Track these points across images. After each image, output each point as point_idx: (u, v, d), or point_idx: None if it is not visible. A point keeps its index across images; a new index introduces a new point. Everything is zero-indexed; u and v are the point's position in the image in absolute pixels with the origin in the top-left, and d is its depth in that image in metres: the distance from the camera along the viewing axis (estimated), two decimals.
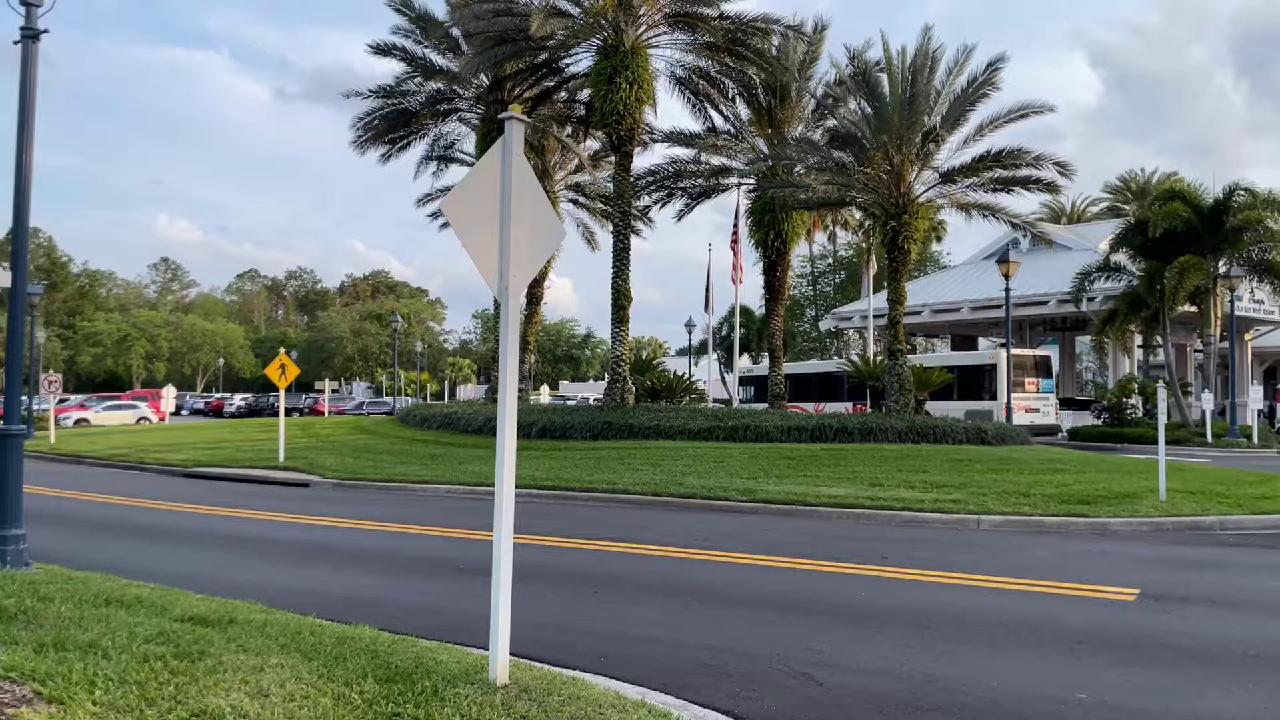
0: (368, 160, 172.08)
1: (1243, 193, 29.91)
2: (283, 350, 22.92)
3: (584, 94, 28.60)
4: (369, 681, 4.59)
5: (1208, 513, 12.14)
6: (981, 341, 45.39)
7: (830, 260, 66.94)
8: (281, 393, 21.82)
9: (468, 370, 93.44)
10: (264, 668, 4.66)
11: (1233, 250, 30.14)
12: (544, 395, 56.35)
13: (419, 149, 32.35)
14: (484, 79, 28.93)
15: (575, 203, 34.87)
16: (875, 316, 37.37)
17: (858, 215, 34.87)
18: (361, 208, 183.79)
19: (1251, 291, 34.37)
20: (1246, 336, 39.37)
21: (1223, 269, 30.26)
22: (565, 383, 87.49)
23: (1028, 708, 5.06)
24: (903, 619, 7.08)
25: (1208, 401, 28.88)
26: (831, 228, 55.33)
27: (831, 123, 27.29)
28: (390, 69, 76.44)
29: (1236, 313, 31.31)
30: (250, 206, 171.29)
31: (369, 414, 49.00)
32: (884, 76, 23.47)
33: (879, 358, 30.02)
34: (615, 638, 6.61)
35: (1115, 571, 8.87)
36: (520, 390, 20.86)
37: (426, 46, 30.00)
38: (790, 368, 39.21)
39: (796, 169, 27.04)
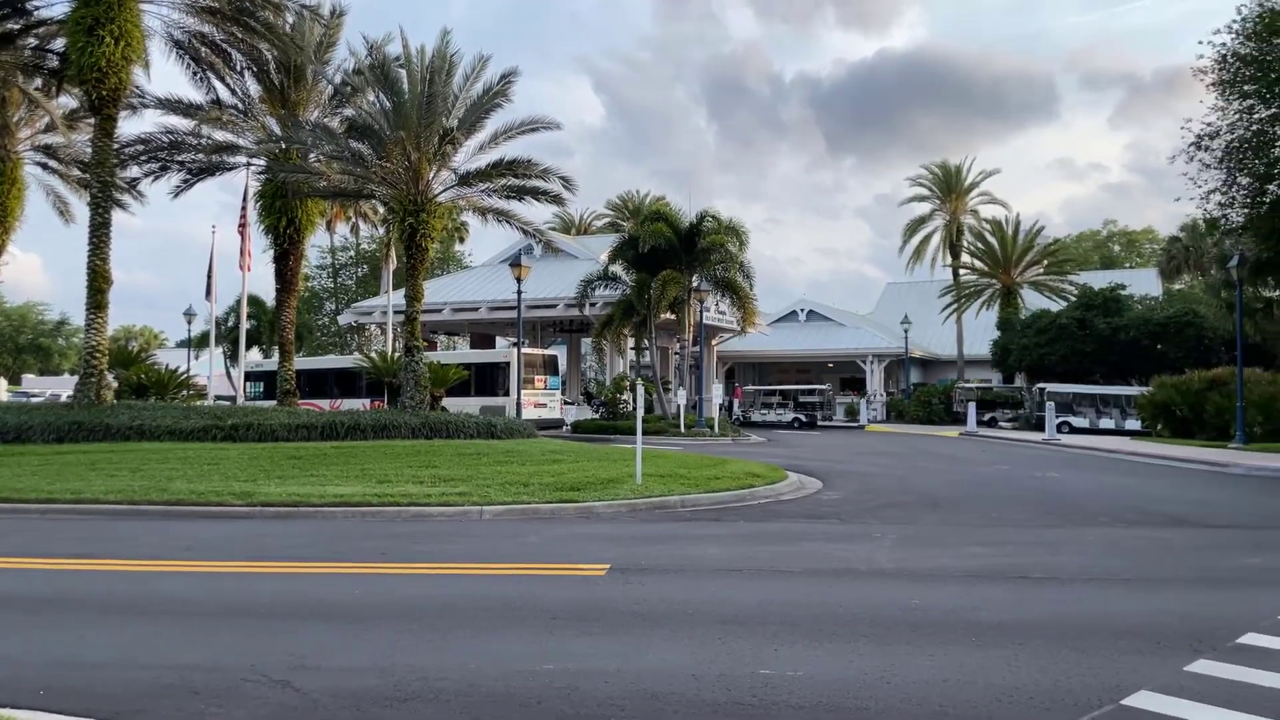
0: None
1: (710, 219, 34.97)
2: None
3: (59, 43, 24.63)
4: None
5: (673, 493, 13.93)
6: (500, 340, 47.50)
7: (353, 253, 65.38)
8: None
9: None
10: None
11: (703, 268, 35.11)
12: (1, 391, 47.47)
13: None
14: None
15: (45, 167, 29.91)
16: (396, 312, 37.22)
17: (381, 209, 34.46)
18: None
19: (717, 303, 40.30)
20: (714, 342, 46.16)
21: (695, 283, 35.10)
22: (31, 376, 74.48)
23: (500, 683, 5.34)
24: (395, 614, 7.09)
25: (682, 397, 33.24)
26: (355, 219, 54.15)
27: (350, 112, 26.61)
28: None
29: (705, 321, 36.55)
30: None
31: None
32: (404, 73, 23.47)
33: (397, 354, 29.93)
34: (64, 666, 5.74)
35: (594, 550, 9.78)
36: None
37: None
38: (304, 363, 37.57)
39: (311, 155, 25.95)
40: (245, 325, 31.79)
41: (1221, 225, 27.90)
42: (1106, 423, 37.40)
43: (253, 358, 47.18)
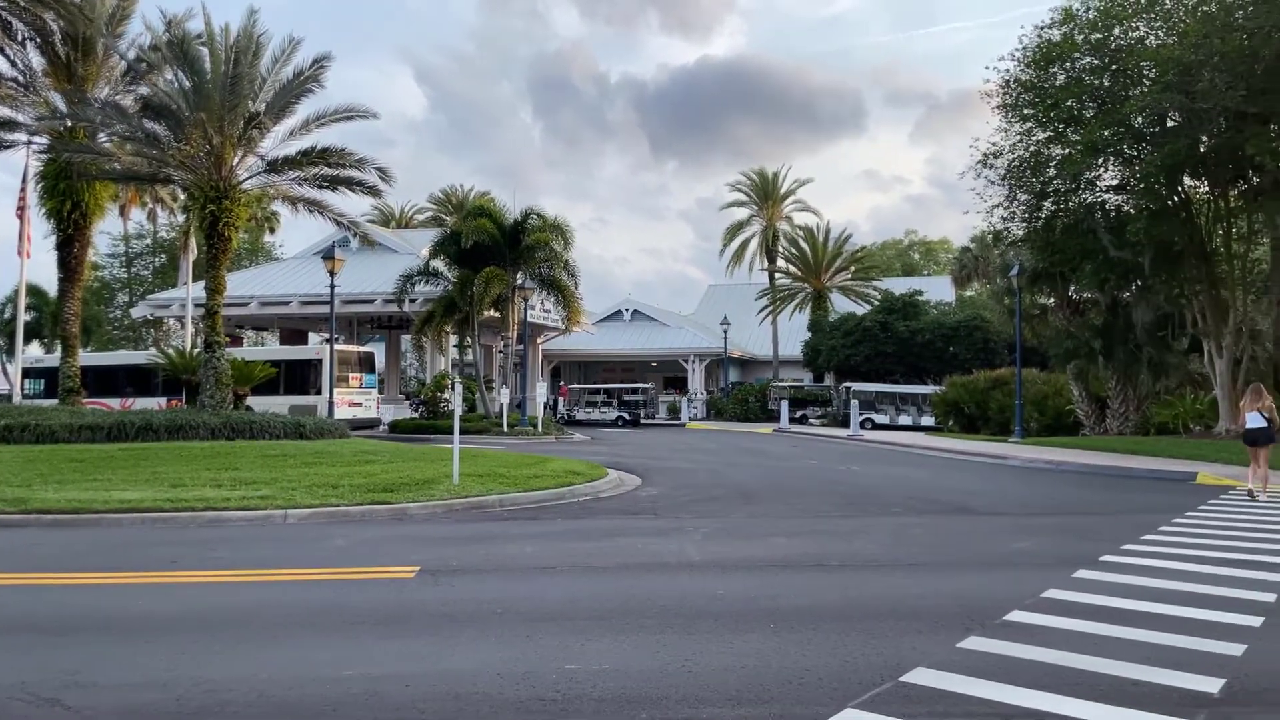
0: None
1: (535, 217, 34.87)
2: None
3: None
4: None
5: (491, 493, 13.80)
6: (312, 337, 45.56)
7: (149, 241, 61.00)
8: None
9: None
10: None
11: (527, 265, 34.95)
12: None
13: None
14: None
15: None
16: (196, 305, 34.99)
17: (181, 195, 32.32)
18: None
19: (542, 301, 40.23)
20: (538, 340, 46.05)
21: (520, 281, 34.90)
22: None
23: (295, 692, 5.13)
24: (183, 624, 6.67)
25: (505, 396, 32.98)
26: (151, 205, 50.55)
27: (146, 90, 24.82)
28: None
29: (530, 319, 36.39)
30: None
31: None
32: (206, 51, 22.15)
33: (197, 350, 28.18)
34: None
35: (405, 552, 9.54)
36: None
37: None
38: (92, 359, 34.86)
39: (101, 135, 24.05)
40: (24, 317, 29.07)
41: (1004, 237, 30.38)
42: (905, 419, 39.98)
43: (33, 352, 43.27)
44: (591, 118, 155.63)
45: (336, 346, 31.47)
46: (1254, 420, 14.85)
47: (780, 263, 54.48)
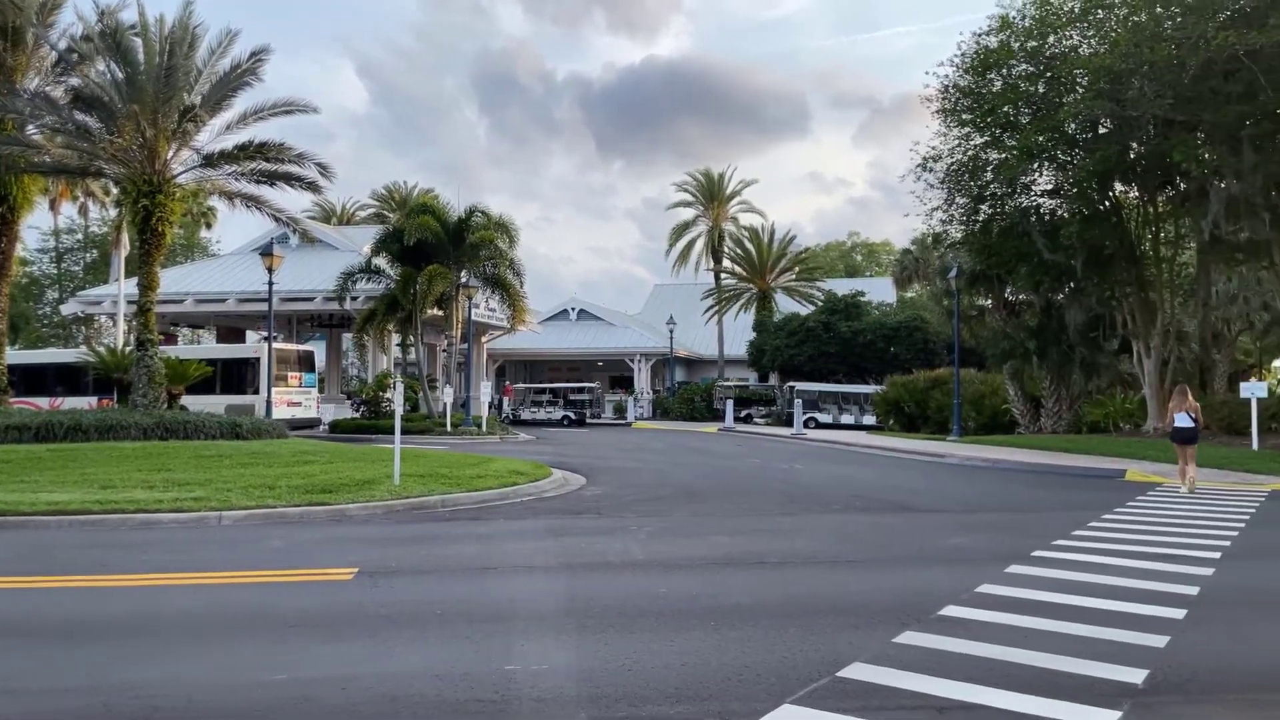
0: None
1: (480, 214, 34.59)
2: None
3: None
4: None
5: (433, 493, 13.66)
6: (250, 335, 44.64)
7: (80, 236, 59.26)
8: None
9: None
10: None
11: (472, 264, 34.66)
12: None
13: None
14: None
15: None
16: (130, 302, 34.07)
17: (114, 189, 31.45)
18: None
19: (486, 300, 39.91)
20: (483, 339, 45.70)
21: (464, 279, 34.60)
22: None
23: (226, 697, 5.02)
24: (113, 629, 6.51)
25: (449, 395, 32.66)
26: (83, 199, 49.09)
27: (78, 81, 24.08)
28: None
29: (474, 318, 36.12)
30: None
31: None
32: (140, 42, 21.56)
33: (129, 348, 27.45)
34: None
35: (343, 554, 9.40)
36: None
37: None
38: (19, 357, 33.81)
39: (30, 127, 23.28)
40: None
41: (943, 240, 30.96)
42: (847, 418, 40.51)
43: None
44: (538, 116, 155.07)
45: (275, 345, 30.88)
46: (1183, 420, 15.54)
47: (726, 263, 54.83)
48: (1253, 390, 22.55)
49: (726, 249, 54.90)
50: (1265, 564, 9.17)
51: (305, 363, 34.02)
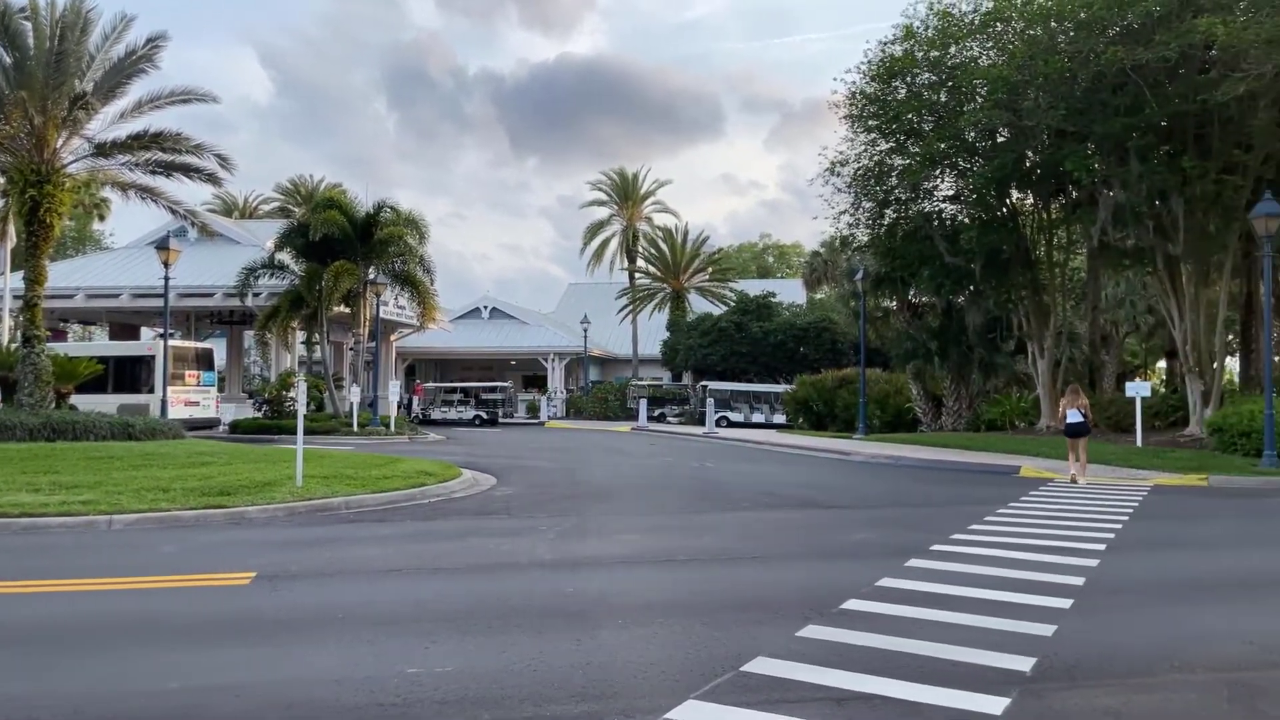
0: None
1: (389, 210, 33.96)
2: None
3: None
4: None
5: (337, 494, 13.34)
6: (145, 332, 42.91)
7: None
8: None
9: None
10: None
11: (380, 260, 33.97)
12: None
13: None
14: None
15: None
16: (15, 297, 32.40)
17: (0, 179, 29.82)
18: None
19: (396, 297, 39.18)
20: (392, 337, 44.86)
21: (372, 276, 33.90)
22: None
23: (113, 708, 4.82)
24: None
25: (355, 394, 31.97)
26: None
27: None
28: None
29: (383, 316, 35.41)
30: None
31: None
32: (29, 25, 20.52)
33: (15, 345, 26.09)
34: None
35: (242, 558, 9.11)
36: None
37: None
38: None
39: None
40: None
41: (850, 243, 31.67)
42: (758, 417, 41.13)
43: None
44: (449, 111, 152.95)
45: (172, 342, 29.75)
46: (1074, 416, 16.87)
47: (640, 263, 55.06)
48: (1137, 389, 23.72)
49: (641, 249, 55.15)
50: (1146, 555, 9.64)
51: (204, 361, 32.89)
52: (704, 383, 42.74)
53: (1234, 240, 23.36)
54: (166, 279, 26.61)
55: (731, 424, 39.60)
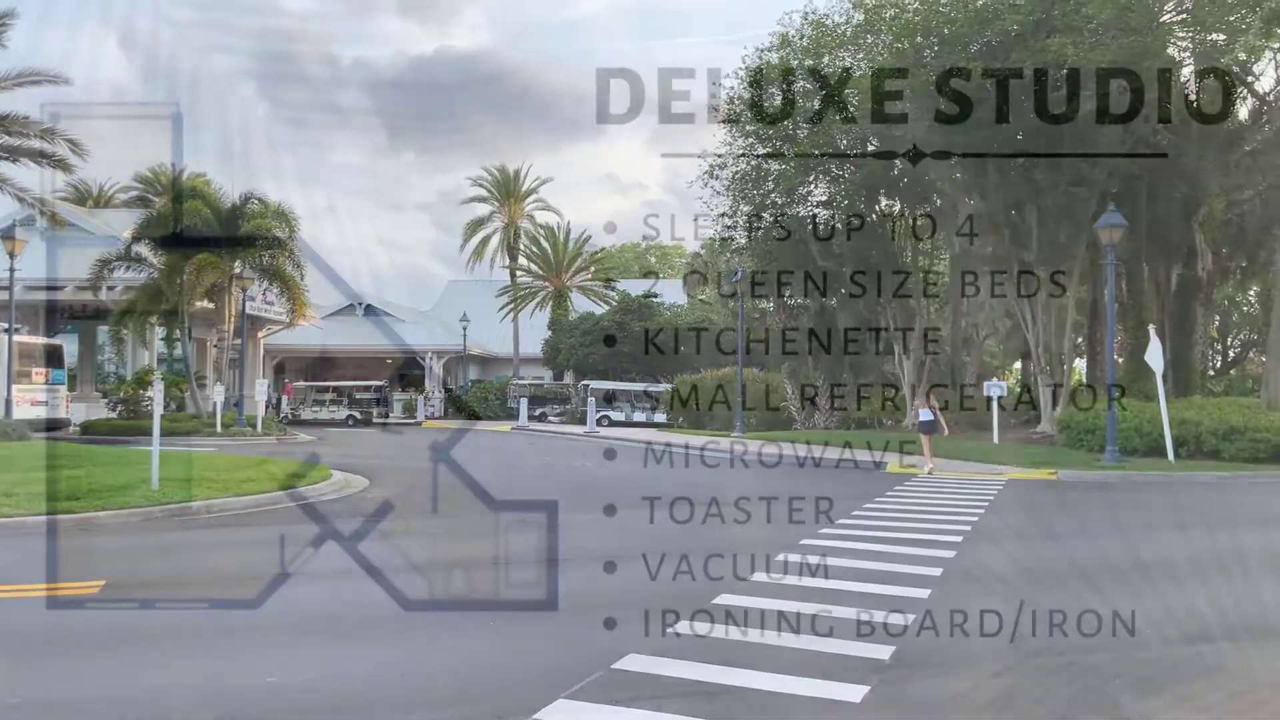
0: None
1: (256, 201, 32.55)
2: None
3: None
4: None
5: (196, 498, 12.71)
6: None
7: None
8: None
9: None
10: None
11: (247, 253, 32.58)
12: None
13: None
14: None
15: None
16: None
17: None
18: None
19: (264, 292, 37.61)
20: (260, 334, 43.09)
21: (238, 270, 32.50)
22: None
23: None
24: None
25: (219, 394, 30.59)
26: None
27: None
28: None
29: (250, 312, 34.02)
30: None
31: None
32: None
33: None
34: None
35: (89, 566, 8.62)
36: None
37: None
38: None
39: None
40: None
41: (729, 245, 32.28)
42: (640, 416, 41.39)
43: None
44: (322, 101, 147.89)
45: (17, 338, 27.79)
46: (924, 414, 18.91)
47: (522, 261, 54.58)
48: (993, 389, 24.99)
49: (523, 247, 54.66)
50: (1000, 545, 10.17)
51: (53, 357, 30.86)
52: (585, 381, 42.73)
53: (1082, 249, 24.90)
54: (12, 270, 24.91)
55: (613, 423, 39.71)
